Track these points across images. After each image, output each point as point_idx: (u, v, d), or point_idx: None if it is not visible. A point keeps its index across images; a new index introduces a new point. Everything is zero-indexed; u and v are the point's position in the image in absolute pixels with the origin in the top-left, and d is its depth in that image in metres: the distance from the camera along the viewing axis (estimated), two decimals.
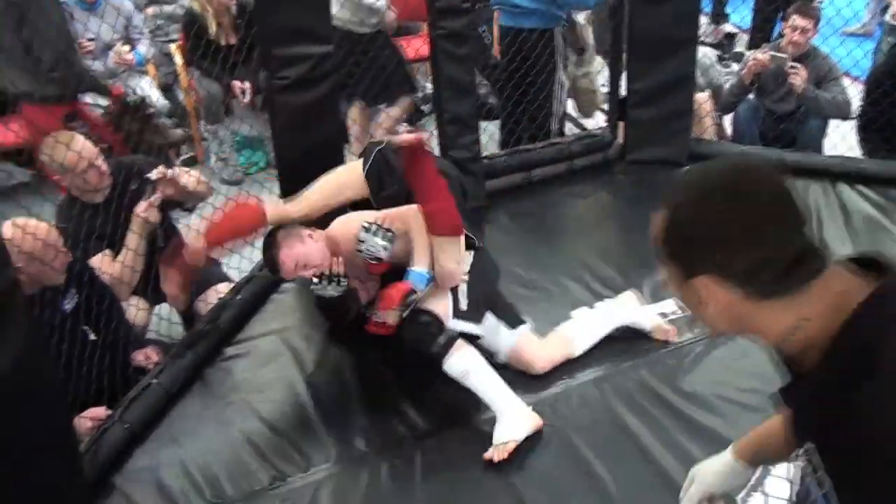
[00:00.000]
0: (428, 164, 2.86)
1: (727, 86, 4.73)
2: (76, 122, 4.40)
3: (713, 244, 1.17)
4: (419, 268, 2.82)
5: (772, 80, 4.49)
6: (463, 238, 2.90)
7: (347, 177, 3.14)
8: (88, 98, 4.68)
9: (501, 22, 4.58)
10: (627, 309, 3.24)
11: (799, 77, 4.31)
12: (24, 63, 4.28)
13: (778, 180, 1.17)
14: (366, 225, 2.88)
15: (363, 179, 3.09)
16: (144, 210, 3.28)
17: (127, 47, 4.98)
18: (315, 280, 2.86)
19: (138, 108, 4.79)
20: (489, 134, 4.50)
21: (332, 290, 2.86)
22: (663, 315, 3.26)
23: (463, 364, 2.77)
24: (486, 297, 2.98)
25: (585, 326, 3.16)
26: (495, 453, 2.70)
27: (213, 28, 4.90)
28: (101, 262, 3.25)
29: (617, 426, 2.80)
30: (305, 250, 2.89)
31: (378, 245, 2.86)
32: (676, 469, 2.61)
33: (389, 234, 2.87)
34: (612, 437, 2.77)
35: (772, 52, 4.40)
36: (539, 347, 3.06)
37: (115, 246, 3.32)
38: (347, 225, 2.96)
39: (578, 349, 3.11)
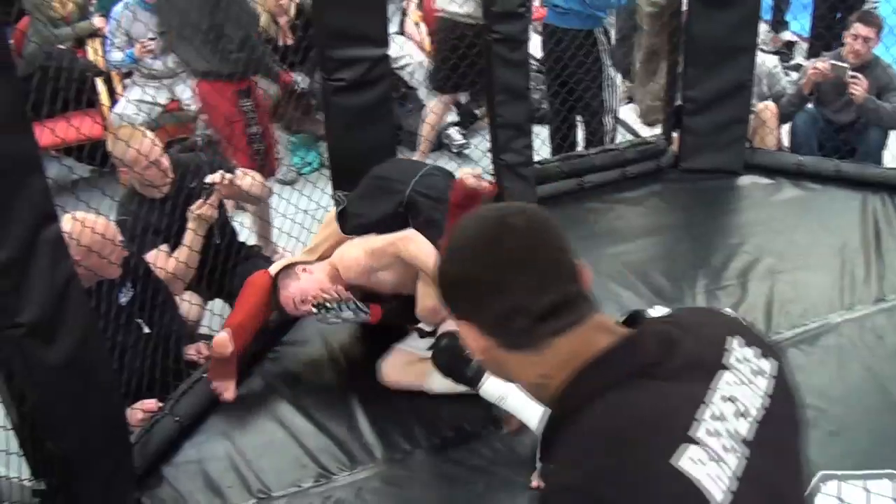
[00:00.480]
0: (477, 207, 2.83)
1: (785, 95, 4.65)
2: (247, 99, 4.61)
3: (464, 291, 1.14)
4: None
5: (832, 89, 4.42)
6: None
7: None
8: (263, 83, 4.85)
9: (546, 20, 4.59)
10: None
11: (859, 87, 4.22)
12: (205, 42, 4.47)
13: (535, 233, 1.13)
14: (314, 309, 2.89)
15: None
16: (201, 209, 3.34)
17: None
18: (314, 311, 2.89)
19: (303, 96, 4.94)
20: (542, 139, 4.49)
21: (333, 318, 2.89)
22: None
23: (500, 388, 2.59)
24: None
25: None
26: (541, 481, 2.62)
27: (270, 28, 4.96)
28: (157, 258, 3.31)
29: None
30: (298, 285, 2.95)
31: (346, 317, 2.91)
32: None
33: (349, 303, 2.88)
34: None
35: (832, 62, 4.32)
36: None
37: (172, 242, 3.38)
38: (345, 252, 2.98)
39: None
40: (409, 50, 5.31)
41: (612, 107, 4.61)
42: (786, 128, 4.77)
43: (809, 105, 4.60)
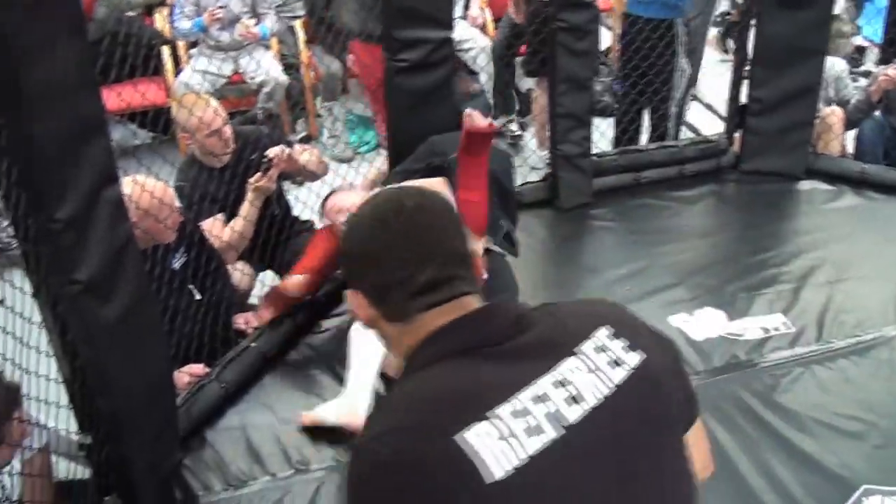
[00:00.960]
0: (484, 156, 2.88)
1: (853, 101, 4.55)
2: None
3: (353, 262, 1.25)
4: None
5: None
6: (481, 243, 2.89)
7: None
8: None
9: (628, 8, 4.58)
10: None
11: None
12: (363, 4, 4.52)
13: (422, 215, 1.21)
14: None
15: None
16: (260, 181, 3.37)
17: (253, 21, 5.11)
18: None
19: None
20: (601, 132, 4.46)
21: None
22: (765, 330, 3.18)
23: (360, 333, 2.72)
24: None
25: None
26: (304, 417, 2.78)
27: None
28: (213, 226, 3.36)
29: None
30: (343, 195, 2.99)
31: None
32: (763, 488, 2.55)
33: None
34: None
35: None
36: None
37: (228, 211, 3.42)
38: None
39: None
40: (472, 34, 5.30)
41: (679, 99, 4.56)
42: (851, 134, 4.67)
43: (877, 112, 4.49)
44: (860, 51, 6.28)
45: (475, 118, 2.89)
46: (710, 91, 4.90)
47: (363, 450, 1.12)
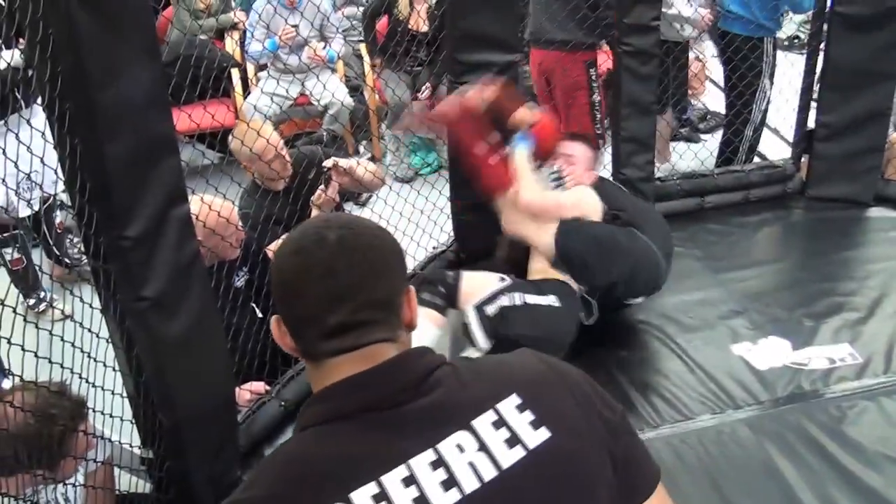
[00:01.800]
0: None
1: None
2: (593, 69, 4.57)
3: (276, 290, 1.17)
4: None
5: None
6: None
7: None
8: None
9: (720, 24, 4.64)
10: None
11: None
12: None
13: (345, 251, 1.12)
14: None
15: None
16: (320, 199, 3.42)
17: (321, 44, 5.20)
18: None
19: None
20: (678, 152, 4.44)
21: None
22: (830, 360, 3.11)
23: None
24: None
25: None
26: None
27: (405, 10, 5.03)
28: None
29: (767, 469, 2.68)
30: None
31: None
32: None
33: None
34: (761, 481, 2.65)
35: None
36: None
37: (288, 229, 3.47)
38: None
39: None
40: None
41: (756, 120, 4.54)
42: None
43: None
44: None
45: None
46: (777, 115, 4.82)
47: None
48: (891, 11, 3.85)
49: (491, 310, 2.88)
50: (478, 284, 2.95)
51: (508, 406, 1.09)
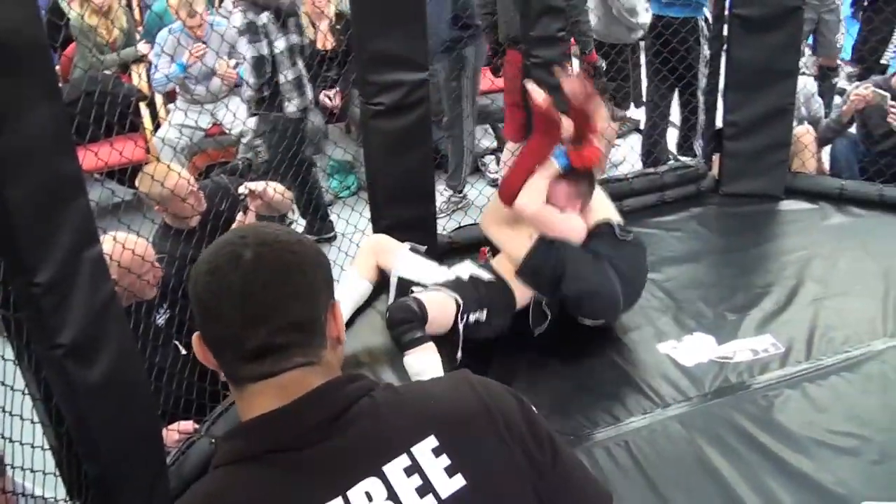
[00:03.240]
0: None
1: (825, 120, 4.60)
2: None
3: (194, 306, 1.11)
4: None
5: (875, 113, 4.34)
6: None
7: None
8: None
9: (653, 10, 4.84)
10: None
11: None
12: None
13: (261, 271, 1.07)
14: None
15: None
16: (243, 221, 3.39)
17: (233, 61, 5.13)
18: None
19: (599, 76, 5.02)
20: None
21: None
22: (754, 352, 3.18)
23: (420, 365, 2.89)
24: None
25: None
26: None
27: (309, 31, 5.00)
28: None
29: (701, 464, 2.73)
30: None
31: None
32: None
33: None
34: (696, 476, 2.69)
35: (874, 89, 4.25)
36: None
37: None
38: None
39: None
40: None
41: (704, 87, 4.63)
42: (826, 151, 4.72)
43: (852, 129, 4.54)
44: (832, 70, 6.35)
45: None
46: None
47: None
48: (787, 11, 3.98)
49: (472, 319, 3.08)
50: (438, 304, 3.02)
51: (424, 449, 1.06)
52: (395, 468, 1.04)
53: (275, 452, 1.04)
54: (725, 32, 4.17)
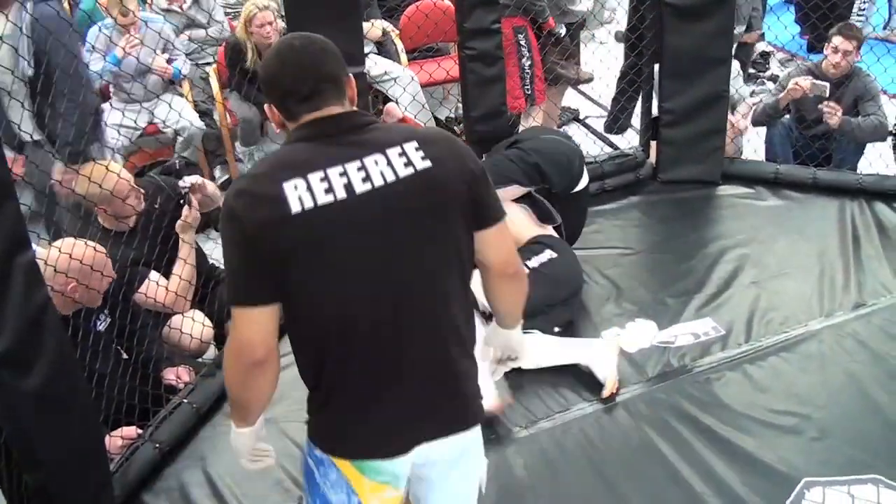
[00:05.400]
0: None
1: (760, 104, 4.65)
2: (522, 35, 4.65)
3: (264, 84, 1.80)
4: None
5: (809, 99, 4.41)
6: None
7: None
8: None
9: None
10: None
11: (835, 117, 4.25)
12: None
13: (306, 50, 1.76)
14: None
15: None
16: (189, 218, 3.38)
17: (166, 55, 5.04)
18: None
19: (560, 41, 5.01)
20: None
21: None
22: (695, 335, 3.23)
23: (533, 359, 3.05)
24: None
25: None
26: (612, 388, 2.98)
27: (250, 57, 4.95)
28: (150, 289, 3.25)
29: (646, 448, 2.77)
30: None
31: None
32: (707, 492, 2.59)
33: None
34: (641, 459, 2.74)
35: (813, 81, 4.31)
36: None
37: (154, 266, 3.33)
38: None
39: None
40: (390, 67, 5.32)
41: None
42: (760, 136, 4.78)
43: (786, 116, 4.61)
44: (764, 56, 6.47)
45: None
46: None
47: (224, 203, 1.72)
48: (717, 0, 4.03)
49: None
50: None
51: (410, 146, 1.75)
52: (392, 152, 1.73)
53: (322, 137, 1.75)
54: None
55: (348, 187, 1.67)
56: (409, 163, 1.71)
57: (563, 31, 5.04)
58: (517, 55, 4.69)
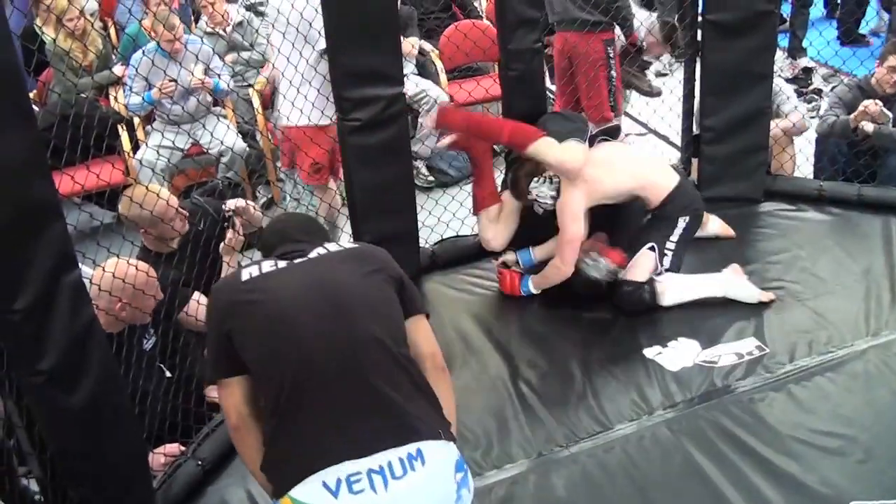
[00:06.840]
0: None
1: (835, 122, 4.49)
2: (611, 47, 4.76)
3: (265, 232, 2.39)
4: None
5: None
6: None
7: None
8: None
9: None
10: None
11: (871, 124, 4.21)
12: None
13: (294, 219, 2.48)
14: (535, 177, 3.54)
15: None
16: (233, 242, 3.42)
17: (203, 67, 5.11)
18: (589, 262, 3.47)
19: (640, 53, 5.09)
20: None
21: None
22: (739, 355, 3.19)
23: (674, 295, 3.47)
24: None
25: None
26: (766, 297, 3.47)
27: None
28: (196, 310, 3.28)
29: (690, 468, 2.73)
30: None
31: (547, 193, 3.52)
32: None
33: (556, 181, 3.48)
34: (684, 480, 2.70)
35: (882, 109, 4.24)
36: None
37: (196, 287, 3.37)
38: None
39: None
40: (426, 85, 5.36)
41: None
42: (809, 152, 4.71)
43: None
44: (807, 71, 6.41)
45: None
46: (663, 123, 4.95)
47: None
48: (758, 16, 4.00)
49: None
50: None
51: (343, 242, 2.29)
52: (331, 244, 2.22)
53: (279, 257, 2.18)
54: (699, 38, 4.19)
55: (287, 261, 2.15)
56: (338, 245, 2.24)
57: (645, 44, 5.06)
58: (606, 68, 4.75)
